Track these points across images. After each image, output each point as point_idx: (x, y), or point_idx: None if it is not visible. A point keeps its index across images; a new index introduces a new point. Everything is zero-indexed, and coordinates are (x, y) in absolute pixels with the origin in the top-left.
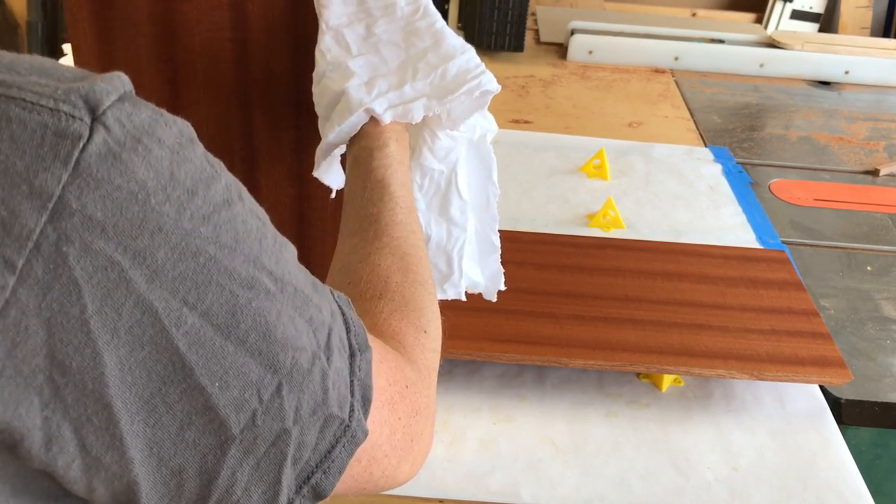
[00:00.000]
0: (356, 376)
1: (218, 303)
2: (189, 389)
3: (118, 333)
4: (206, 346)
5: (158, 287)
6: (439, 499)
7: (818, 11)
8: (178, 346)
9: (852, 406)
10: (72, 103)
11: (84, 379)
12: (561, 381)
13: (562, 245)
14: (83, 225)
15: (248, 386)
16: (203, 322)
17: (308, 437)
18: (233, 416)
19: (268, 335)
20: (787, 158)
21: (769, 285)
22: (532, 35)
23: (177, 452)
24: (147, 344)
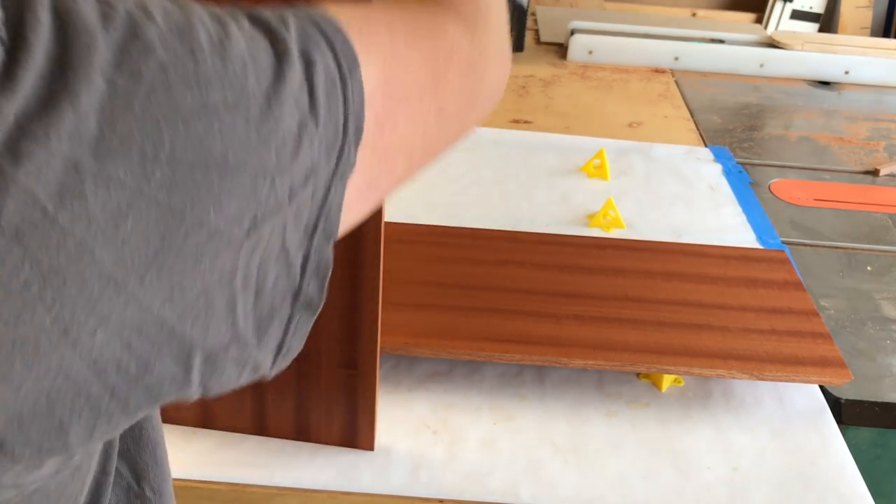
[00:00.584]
0: (349, 107)
1: (178, 142)
2: (188, 229)
3: (93, 218)
4: (187, 185)
5: (107, 155)
6: (439, 499)
7: (818, 11)
8: (158, 198)
9: (852, 406)
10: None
11: (79, 269)
12: (561, 380)
13: (562, 245)
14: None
15: (243, 196)
16: (172, 167)
17: (303, 202)
18: (236, 228)
19: (246, 146)
20: (787, 158)
21: (769, 285)
22: (532, 35)
23: (196, 281)
24: (127, 214)
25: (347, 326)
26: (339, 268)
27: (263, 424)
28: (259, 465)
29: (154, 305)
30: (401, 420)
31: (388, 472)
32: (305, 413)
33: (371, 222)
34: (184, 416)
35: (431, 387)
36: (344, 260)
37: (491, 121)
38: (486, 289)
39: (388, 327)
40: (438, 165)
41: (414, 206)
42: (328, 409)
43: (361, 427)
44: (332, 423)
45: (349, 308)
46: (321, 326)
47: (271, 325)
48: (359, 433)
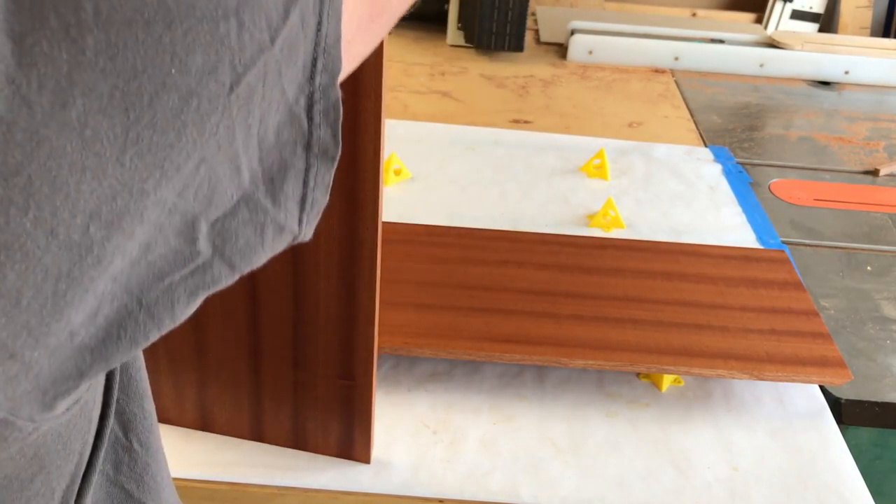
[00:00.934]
0: None
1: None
2: (156, 93)
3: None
4: (129, 47)
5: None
6: (439, 498)
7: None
8: (102, 65)
9: (852, 406)
10: None
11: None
12: (561, 381)
13: (562, 245)
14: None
15: (208, 46)
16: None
17: (293, 37)
18: (213, 84)
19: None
20: (787, 158)
21: (769, 285)
22: (532, 35)
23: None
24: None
25: (344, 336)
26: (336, 276)
27: (261, 431)
28: (259, 465)
29: (148, 188)
30: (401, 420)
31: (388, 471)
32: (302, 422)
33: (368, 231)
34: (183, 418)
35: (431, 387)
36: (340, 269)
37: (491, 121)
38: (486, 289)
39: (388, 327)
40: (438, 165)
41: (414, 207)
42: (325, 420)
43: (357, 440)
44: (329, 434)
45: (346, 318)
46: (318, 336)
47: (286, 180)
48: (355, 446)
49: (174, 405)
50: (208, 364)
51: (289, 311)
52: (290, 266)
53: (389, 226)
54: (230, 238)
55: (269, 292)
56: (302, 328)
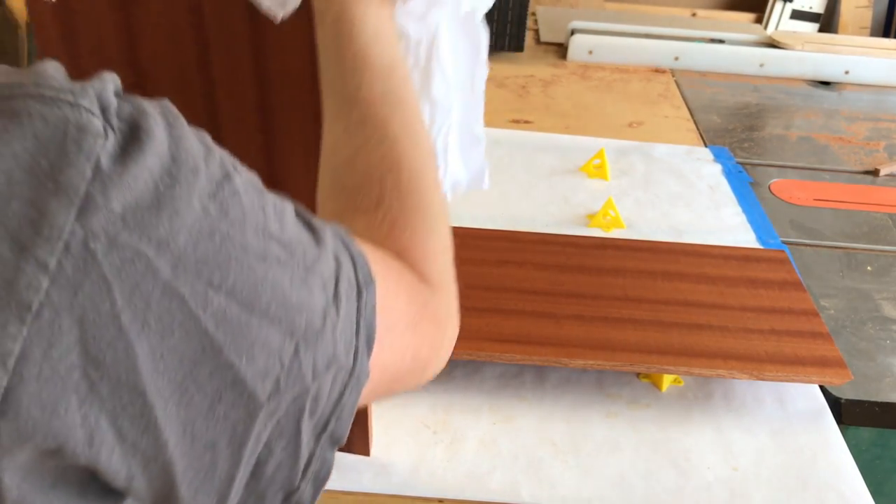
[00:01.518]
0: (362, 316)
1: (240, 279)
2: (218, 367)
3: (148, 323)
4: (233, 323)
5: (183, 272)
6: (439, 498)
7: (818, 11)
8: (207, 327)
9: (852, 406)
10: (89, 98)
11: (118, 371)
12: (561, 381)
13: (562, 245)
14: (108, 220)
15: (271, 354)
16: (228, 300)
17: (323, 390)
18: (259, 386)
19: (285, 303)
20: (787, 158)
21: (769, 285)
22: (532, 35)
23: (208, 428)
24: (177, 330)
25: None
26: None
27: None
28: None
29: (169, 442)
30: (401, 420)
31: (388, 471)
32: None
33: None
34: None
35: (431, 387)
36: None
37: (491, 121)
38: (486, 289)
39: None
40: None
41: None
42: None
43: (356, 434)
44: None
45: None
46: None
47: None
48: (354, 440)
49: None
50: None
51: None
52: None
53: None
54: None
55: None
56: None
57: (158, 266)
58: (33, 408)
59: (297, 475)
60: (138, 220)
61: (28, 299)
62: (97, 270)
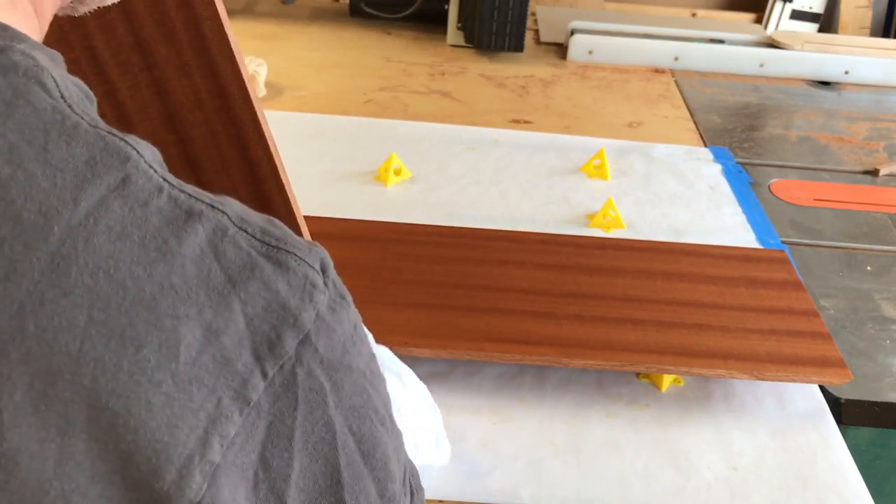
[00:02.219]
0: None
1: (368, 433)
2: (336, 501)
3: (308, 444)
4: (355, 467)
5: (340, 412)
6: (439, 499)
7: (818, 11)
8: (340, 463)
9: (852, 406)
10: (316, 261)
11: (277, 477)
12: (561, 381)
13: (562, 245)
14: (313, 355)
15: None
16: (356, 447)
17: None
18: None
19: (387, 467)
20: (787, 158)
21: (769, 285)
22: (532, 35)
23: None
24: (321, 457)
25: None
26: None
27: None
28: None
29: None
30: None
31: None
32: None
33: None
34: None
35: (431, 387)
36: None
37: (491, 121)
38: (486, 289)
39: (388, 327)
40: (438, 165)
41: (414, 206)
42: None
43: None
44: None
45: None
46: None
47: None
48: None
49: None
50: None
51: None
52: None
53: (390, 226)
54: None
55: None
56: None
57: (329, 401)
58: (224, 488)
59: None
60: (330, 363)
61: (250, 396)
62: (294, 389)
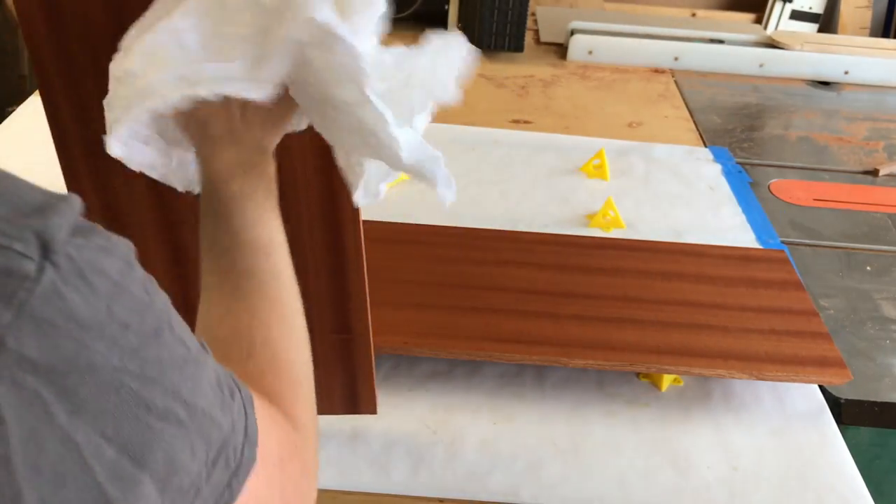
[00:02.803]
0: (231, 488)
1: (135, 435)
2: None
3: (40, 470)
4: (124, 478)
5: (80, 422)
6: (439, 498)
7: (818, 11)
8: (99, 479)
9: (852, 406)
10: (25, 241)
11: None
12: (561, 380)
13: (562, 245)
14: (16, 363)
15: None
16: (120, 455)
17: None
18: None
19: (172, 464)
20: (786, 158)
21: (769, 285)
22: (532, 35)
23: None
24: (69, 480)
25: (334, 288)
26: (320, 232)
27: None
28: None
29: None
30: (401, 420)
31: (388, 471)
32: None
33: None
34: None
35: (431, 387)
36: (324, 223)
37: (491, 121)
38: (486, 289)
39: (388, 327)
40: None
41: (414, 206)
42: (326, 380)
43: (362, 391)
44: (332, 393)
45: (334, 271)
46: (307, 291)
47: None
48: (360, 399)
49: None
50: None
51: None
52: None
53: (390, 226)
54: None
55: None
56: None
57: (56, 412)
58: None
59: None
60: (50, 368)
61: None
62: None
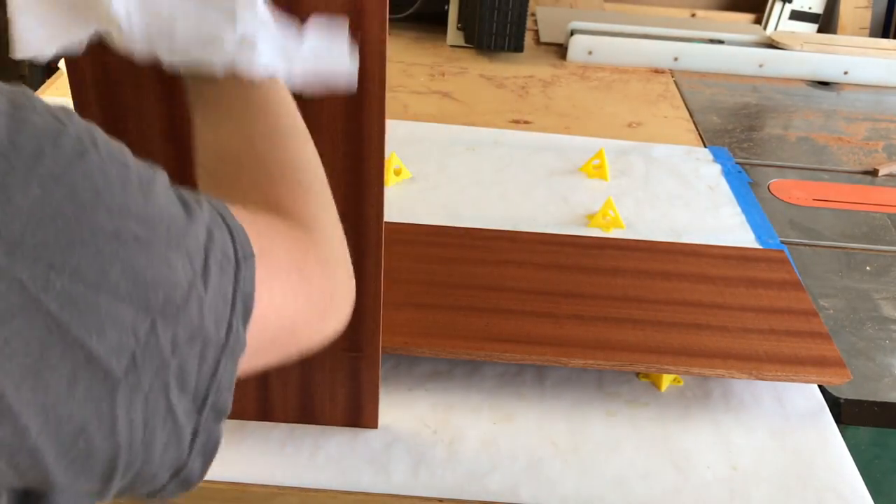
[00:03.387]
0: (239, 289)
1: (85, 260)
2: (69, 347)
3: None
4: (79, 302)
5: (20, 258)
6: (439, 498)
7: (817, 12)
8: (50, 309)
9: (851, 406)
10: None
11: None
12: (561, 380)
13: (562, 245)
14: None
15: (124, 330)
16: (72, 282)
17: (188, 363)
18: (115, 362)
19: (138, 280)
20: (786, 158)
21: (768, 285)
22: (532, 35)
23: (72, 411)
24: (17, 314)
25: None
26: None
27: (267, 411)
28: (259, 465)
29: (31, 429)
30: (401, 419)
31: (388, 471)
32: (309, 397)
33: (372, 208)
34: None
35: (431, 387)
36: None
37: (491, 121)
38: (486, 289)
39: (388, 327)
40: (438, 165)
41: (414, 206)
42: (332, 392)
43: (365, 406)
44: (336, 405)
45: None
46: None
47: (144, 488)
48: (363, 412)
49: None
50: None
51: None
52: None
53: (389, 226)
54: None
55: None
56: None
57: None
58: None
59: (183, 451)
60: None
61: None
62: None
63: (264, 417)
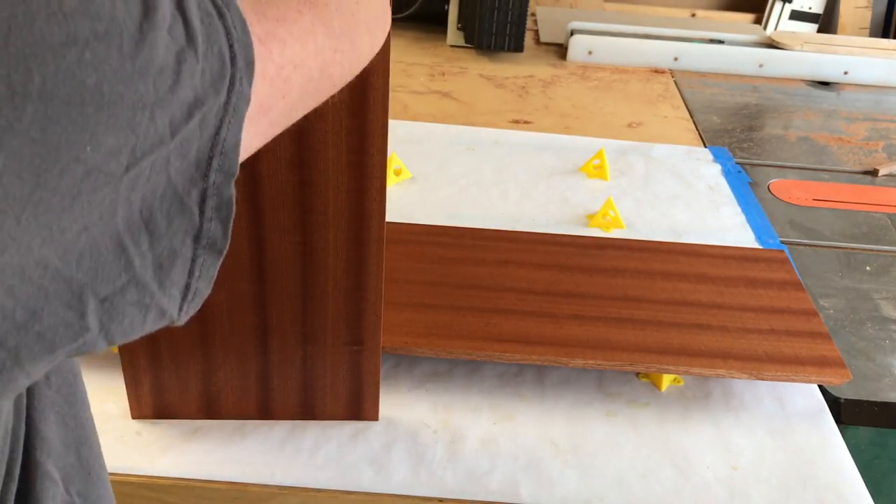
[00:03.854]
0: (235, 41)
1: (50, 77)
2: (66, 166)
3: None
4: (62, 121)
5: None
6: (439, 498)
7: (817, 12)
8: (32, 136)
9: (851, 406)
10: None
11: None
12: (561, 380)
13: (562, 245)
14: None
15: (120, 131)
16: (46, 102)
17: (190, 135)
18: (114, 163)
19: (119, 78)
20: (786, 158)
21: (768, 285)
22: (532, 35)
23: (75, 219)
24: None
25: (353, 306)
26: (345, 248)
27: (268, 409)
28: (259, 465)
29: (34, 246)
30: (401, 419)
31: (388, 471)
32: (311, 393)
33: (375, 202)
34: (188, 410)
35: (431, 387)
36: (349, 241)
37: (491, 121)
38: (486, 289)
39: (388, 327)
40: (438, 165)
41: (414, 206)
42: (333, 385)
43: (366, 399)
44: (338, 399)
45: (354, 289)
46: (326, 309)
47: (173, 267)
48: (364, 405)
49: (178, 399)
50: (214, 353)
51: (297, 287)
52: (300, 245)
53: (389, 226)
54: (117, 317)
55: (278, 271)
56: (311, 303)
57: None
58: None
59: (195, 216)
60: None
61: None
62: None
63: (265, 415)
